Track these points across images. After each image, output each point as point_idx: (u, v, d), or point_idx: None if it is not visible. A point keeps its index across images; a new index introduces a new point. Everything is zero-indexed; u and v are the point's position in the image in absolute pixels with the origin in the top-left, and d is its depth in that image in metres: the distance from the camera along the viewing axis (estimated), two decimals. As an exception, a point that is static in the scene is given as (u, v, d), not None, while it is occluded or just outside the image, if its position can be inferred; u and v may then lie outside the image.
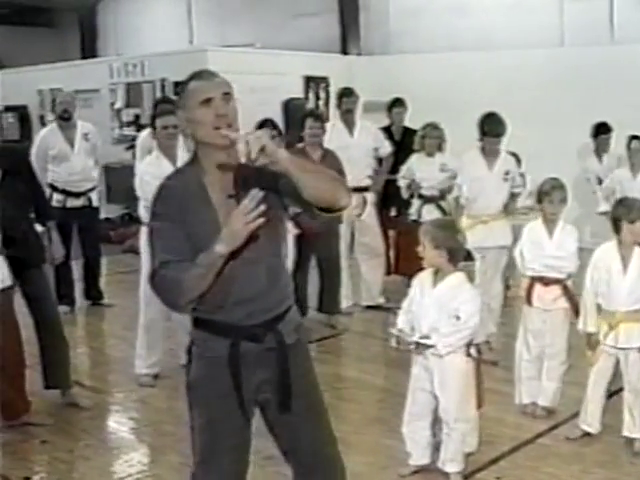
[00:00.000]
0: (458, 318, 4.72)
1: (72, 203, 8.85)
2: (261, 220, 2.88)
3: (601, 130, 9.87)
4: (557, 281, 5.80)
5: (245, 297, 3.19)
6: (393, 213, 9.66)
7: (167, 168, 6.53)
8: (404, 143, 9.38)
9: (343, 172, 7.70)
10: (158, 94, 13.25)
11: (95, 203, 9.22)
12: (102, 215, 10.76)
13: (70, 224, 8.55)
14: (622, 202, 5.45)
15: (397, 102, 9.70)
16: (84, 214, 8.91)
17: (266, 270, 3.23)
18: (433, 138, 8.47)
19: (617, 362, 5.40)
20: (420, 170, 8.49)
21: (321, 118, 7.96)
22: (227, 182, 3.17)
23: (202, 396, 3.33)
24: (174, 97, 12.78)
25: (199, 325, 3.31)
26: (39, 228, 6.24)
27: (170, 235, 3.10)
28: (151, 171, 6.53)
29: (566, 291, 5.79)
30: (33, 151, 8.73)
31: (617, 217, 5.27)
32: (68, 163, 8.88)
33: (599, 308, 5.34)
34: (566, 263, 5.77)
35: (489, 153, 7.21)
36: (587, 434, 5.48)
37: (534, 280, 5.85)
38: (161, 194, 3.20)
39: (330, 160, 7.55)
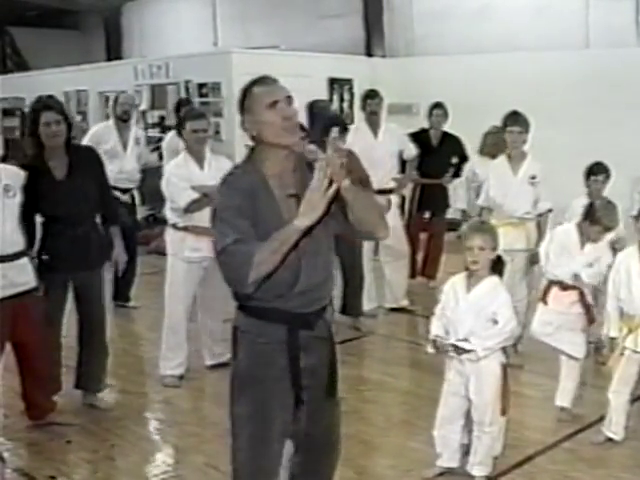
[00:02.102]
0: (495, 322, 4.71)
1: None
2: (335, 187, 3.04)
3: None
4: (575, 287, 5.78)
5: (306, 287, 3.35)
6: (427, 216, 9.64)
7: (195, 171, 6.59)
8: (442, 147, 9.36)
9: (366, 173, 7.71)
10: (183, 96, 13.28)
11: (137, 202, 9.32)
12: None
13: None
14: None
15: (438, 106, 9.58)
16: (126, 213, 8.91)
17: (323, 262, 3.44)
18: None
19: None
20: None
21: (346, 129, 7.90)
22: (287, 181, 3.36)
23: (255, 382, 3.45)
24: (197, 99, 12.90)
25: (252, 313, 3.41)
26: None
27: (240, 220, 3.20)
28: (178, 173, 6.57)
29: (582, 297, 5.77)
30: (84, 142, 8.73)
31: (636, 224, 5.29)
32: (118, 162, 8.91)
33: (621, 312, 5.32)
34: (591, 275, 5.75)
35: (514, 157, 7.20)
36: (612, 439, 5.45)
37: (553, 282, 5.83)
38: (229, 184, 3.35)
39: (351, 162, 7.50)
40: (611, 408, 5.45)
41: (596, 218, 5.65)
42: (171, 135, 9.52)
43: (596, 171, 6.94)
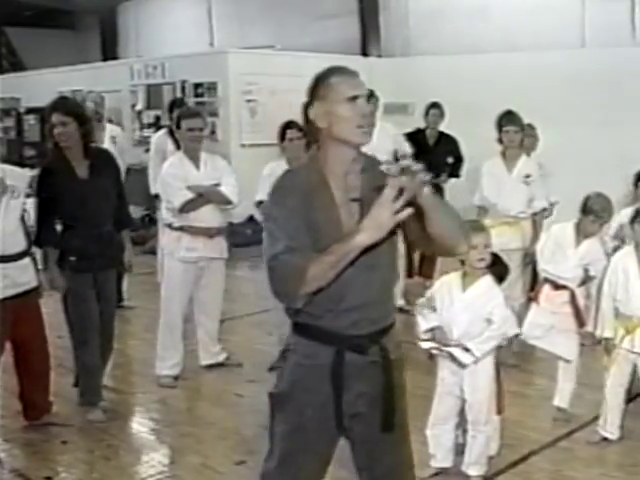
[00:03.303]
0: (490, 322, 4.70)
1: None
2: (409, 210, 2.76)
3: None
4: (566, 287, 5.79)
5: (356, 304, 3.09)
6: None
7: (190, 170, 6.60)
8: (438, 147, 9.36)
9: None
10: (179, 96, 13.29)
11: None
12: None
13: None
14: (637, 211, 5.43)
15: (434, 105, 9.58)
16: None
17: (380, 280, 3.17)
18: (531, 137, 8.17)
19: (634, 367, 5.39)
20: None
21: None
22: (351, 183, 3.11)
23: (295, 403, 3.22)
24: (193, 99, 12.90)
25: (301, 331, 3.20)
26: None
27: (293, 225, 3.00)
28: (173, 172, 6.58)
29: (573, 299, 5.77)
30: None
31: (630, 224, 5.30)
32: None
33: (616, 312, 5.33)
34: (580, 273, 5.76)
35: (509, 156, 7.21)
36: (607, 438, 5.46)
37: (545, 281, 5.84)
38: (283, 185, 3.14)
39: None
40: (606, 408, 5.45)
41: (588, 207, 5.67)
42: (159, 134, 9.50)
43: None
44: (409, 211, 2.76)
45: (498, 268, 4.93)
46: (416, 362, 5.37)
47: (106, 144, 9.03)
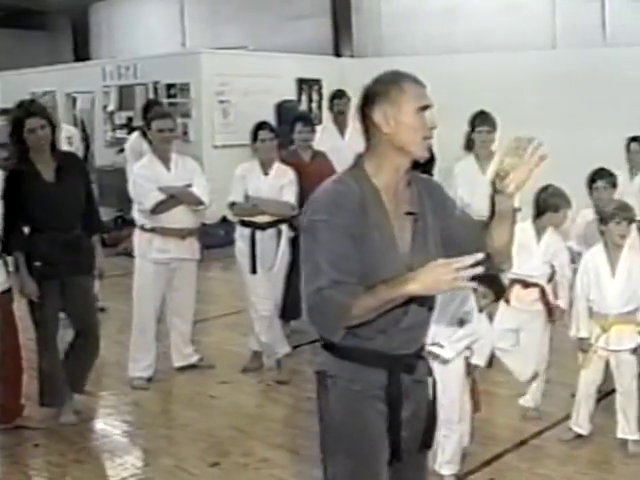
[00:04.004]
0: (462, 323, 4.71)
1: None
2: (473, 284, 2.64)
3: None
4: (536, 284, 5.81)
5: (412, 323, 2.95)
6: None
7: (161, 172, 6.59)
8: None
9: (334, 173, 7.70)
10: (151, 97, 13.25)
11: None
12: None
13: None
14: (602, 208, 5.47)
15: None
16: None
17: (433, 297, 3.03)
18: None
19: (607, 364, 5.43)
20: None
21: (311, 121, 7.96)
22: (401, 196, 2.95)
23: (354, 436, 2.97)
24: (166, 100, 12.86)
25: (344, 354, 2.93)
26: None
27: (342, 250, 2.77)
28: (145, 174, 6.56)
29: (543, 295, 5.80)
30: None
31: (598, 223, 5.33)
32: None
33: (590, 312, 5.36)
34: (548, 269, 5.79)
35: (482, 157, 7.23)
36: (580, 435, 5.49)
37: (514, 281, 5.86)
38: (335, 199, 2.84)
39: (320, 161, 7.56)
40: (578, 402, 5.48)
41: (542, 204, 5.73)
42: (135, 136, 9.46)
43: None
44: (472, 285, 2.64)
45: (495, 287, 4.93)
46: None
47: (61, 145, 8.99)
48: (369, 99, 2.91)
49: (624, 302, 5.26)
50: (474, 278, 2.59)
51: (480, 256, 2.62)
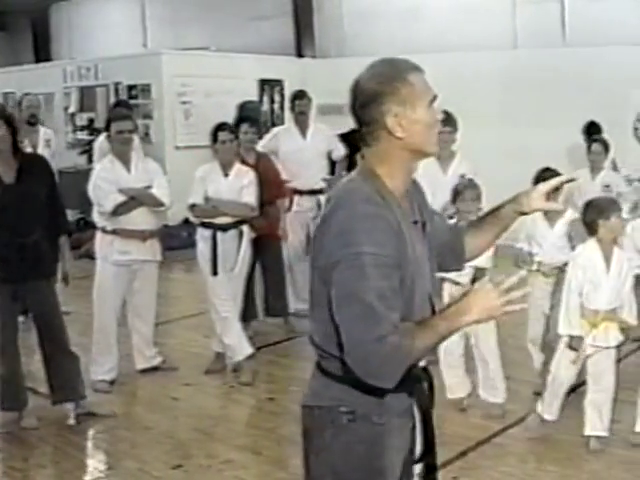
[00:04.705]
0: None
1: None
2: (523, 306, 2.51)
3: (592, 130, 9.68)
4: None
5: None
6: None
7: (122, 173, 6.57)
8: None
9: (279, 175, 7.80)
10: (112, 98, 13.20)
11: None
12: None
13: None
14: (591, 204, 5.47)
15: None
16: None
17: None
18: None
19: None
20: None
21: (256, 122, 7.96)
22: (405, 204, 2.67)
23: (379, 470, 2.68)
24: (130, 101, 12.79)
25: (370, 387, 2.52)
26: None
27: (393, 285, 2.47)
28: (104, 176, 6.54)
29: None
30: None
31: (592, 219, 5.33)
32: None
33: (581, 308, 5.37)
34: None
35: (443, 157, 7.25)
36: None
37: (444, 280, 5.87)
38: (377, 226, 2.47)
39: (264, 163, 7.58)
40: (549, 393, 5.51)
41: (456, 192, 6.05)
42: (102, 138, 9.41)
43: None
44: (522, 307, 2.50)
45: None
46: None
47: (40, 147, 8.92)
48: (372, 100, 2.55)
49: (614, 298, 5.31)
50: None
51: (524, 274, 2.56)
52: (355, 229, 2.45)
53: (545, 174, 6.12)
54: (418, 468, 2.84)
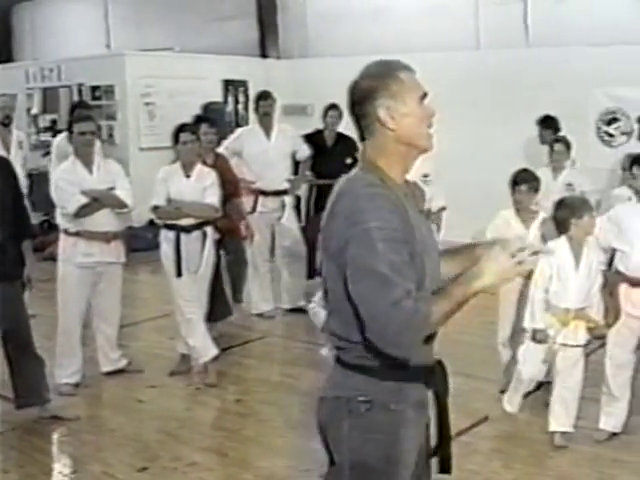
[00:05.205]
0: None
1: None
2: (533, 264, 2.62)
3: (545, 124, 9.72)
4: None
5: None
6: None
7: (84, 175, 6.53)
8: (336, 148, 9.39)
9: (235, 176, 7.81)
10: (75, 99, 13.10)
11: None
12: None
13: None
14: (563, 203, 5.51)
15: (333, 107, 9.58)
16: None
17: None
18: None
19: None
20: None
21: (215, 123, 7.96)
22: (405, 194, 2.81)
23: (397, 458, 2.77)
24: (91, 102, 12.72)
25: (388, 375, 2.72)
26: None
27: (403, 257, 2.57)
28: (67, 178, 6.50)
29: None
30: None
31: (564, 217, 5.37)
32: None
33: (548, 305, 5.41)
34: None
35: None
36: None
37: None
38: (381, 204, 2.62)
39: (222, 164, 7.59)
40: (513, 386, 5.55)
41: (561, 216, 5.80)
42: (60, 138, 9.35)
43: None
44: (534, 263, 2.64)
45: None
46: (318, 363, 5.40)
47: (14, 149, 8.87)
48: (366, 95, 2.75)
49: (583, 297, 5.35)
50: None
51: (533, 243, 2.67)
52: (361, 208, 2.60)
53: (523, 174, 6.18)
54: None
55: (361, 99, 2.78)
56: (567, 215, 5.34)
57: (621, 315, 5.48)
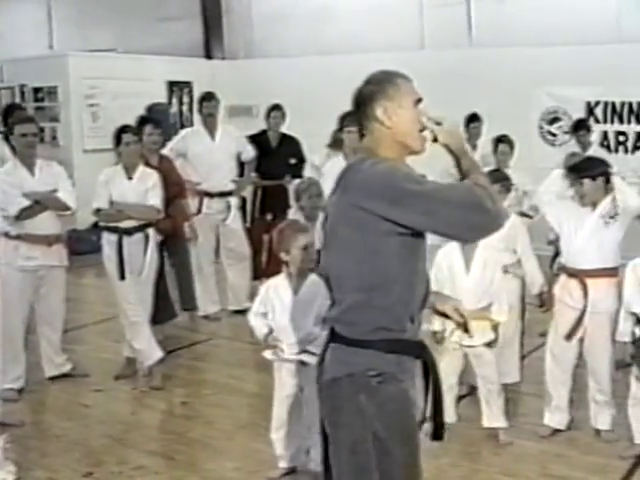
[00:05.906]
0: (325, 321, 4.72)
1: None
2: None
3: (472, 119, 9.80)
4: None
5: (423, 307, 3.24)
6: (269, 217, 9.61)
7: (25, 177, 6.46)
8: (281, 149, 9.39)
9: (180, 177, 7.80)
10: (17, 100, 12.94)
11: None
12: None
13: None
14: None
15: (275, 108, 9.57)
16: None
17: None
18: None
19: (466, 358, 5.59)
20: None
21: (160, 124, 7.93)
22: None
23: (408, 427, 3.13)
24: (33, 103, 12.59)
25: (390, 347, 3.03)
26: None
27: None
28: (8, 180, 6.42)
29: None
30: None
31: None
32: None
33: None
34: None
35: (350, 156, 7.30)
36: (454, 432, 5.59)
37: None
38: (401, 168, 3.06)
39: (166, 165, 7.57)
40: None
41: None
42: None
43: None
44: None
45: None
46: (264, 364, 5.38)
47: None
48: (367, 98, 3.15)
49: (478, 298, 5.39)
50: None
51: None
52: (393, 175, 2.96)
53: (496, 174, 6.22)
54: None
55: (363, 101, 3.17)
56: None
57: (555, 304, 5.58)
